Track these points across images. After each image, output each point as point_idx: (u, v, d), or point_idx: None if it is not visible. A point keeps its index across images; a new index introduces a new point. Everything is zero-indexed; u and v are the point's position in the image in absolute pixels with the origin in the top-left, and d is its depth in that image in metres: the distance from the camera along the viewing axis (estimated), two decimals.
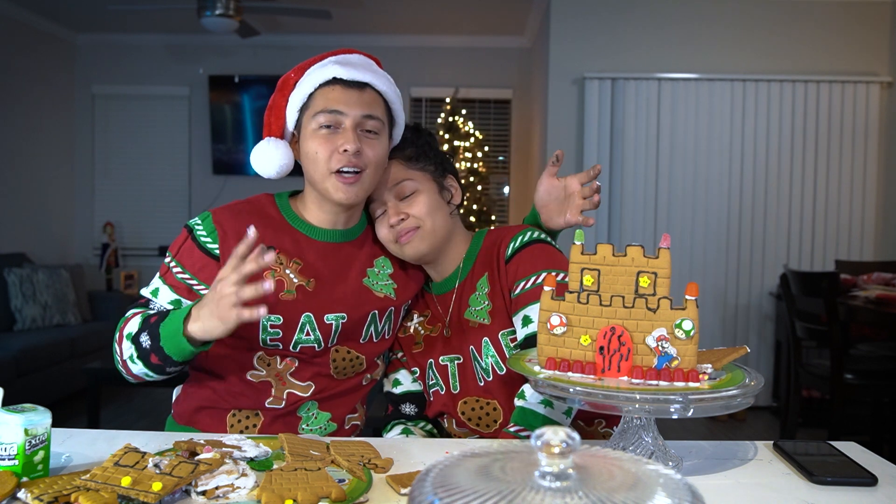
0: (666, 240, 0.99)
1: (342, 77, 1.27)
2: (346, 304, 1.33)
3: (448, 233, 1.38)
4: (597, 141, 4.47)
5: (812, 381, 3.26)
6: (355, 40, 5.69)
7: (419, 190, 1.36)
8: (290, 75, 1.32)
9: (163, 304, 1.27)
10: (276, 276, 1.29)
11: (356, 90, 1.27)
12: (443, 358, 1.40)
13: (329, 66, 1.28)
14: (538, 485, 0.54)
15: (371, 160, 1.27)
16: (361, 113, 1.27)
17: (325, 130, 1.26)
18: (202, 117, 5.86)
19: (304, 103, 1.29)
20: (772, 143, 4.46)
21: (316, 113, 1.27)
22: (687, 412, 0.91)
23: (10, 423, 0.88)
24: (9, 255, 4.72)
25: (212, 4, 4.19)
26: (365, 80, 1.28)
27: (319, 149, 1.26)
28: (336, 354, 1.34)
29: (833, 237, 4.47)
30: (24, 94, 5.25)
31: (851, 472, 0.98)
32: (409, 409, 1.45)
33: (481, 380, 1.35)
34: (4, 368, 3.81)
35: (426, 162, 1.39)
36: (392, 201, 1.35)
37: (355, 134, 1.25)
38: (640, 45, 4.50)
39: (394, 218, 1.33)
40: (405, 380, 1.47)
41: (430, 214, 1.34)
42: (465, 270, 1.40)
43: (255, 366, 1.31)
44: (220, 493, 0.87)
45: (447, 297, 1.41)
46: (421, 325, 1.45)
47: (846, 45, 4.47)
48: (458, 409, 1.38)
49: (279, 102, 1.32)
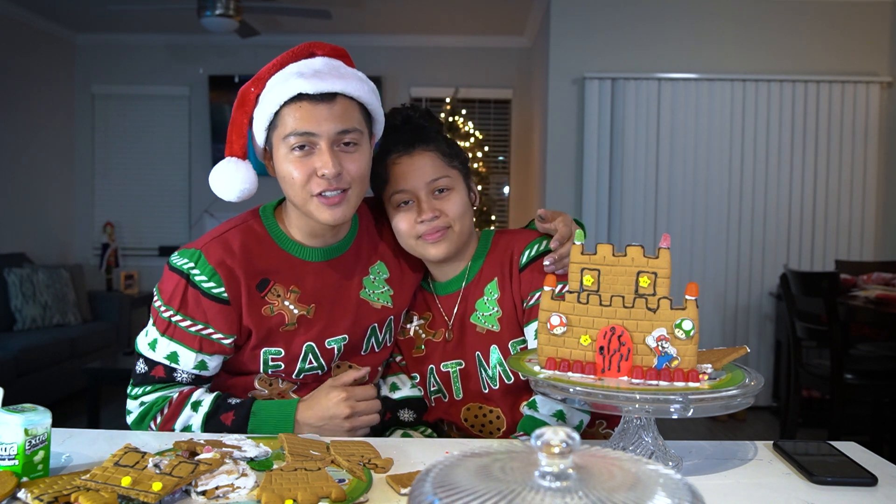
0: (666, 240, 0.99)
1: (307, 92, 1.14)
2: (347, 325, 1.29)
3: (469, 237, 1.34)
4: (597, 141, 4.47)
5: (812, 381, 3.26)
6: (355, 40, 5.69)
7: (454, 189, 1.29)
8: (250, 89, 1.21)
9: (186, 368, 1.20)
10: (275, 310, 1.23)
11: (325, 104, 1.15)
12: (444, 364, 1.36)
13: (292, 80, 1.16)
14: (538, 485, 0.54)
15: (355, 176, 1.18)
16: (335, 129, 1.15)
17: (299, 152, 1.16)
18: (202, 117, 5.85)
19: (270, 121, 1.19)
20: (772, 143, 4.46)
21: (285, 135, 1.16)
22: (687, 412, 0.91)
23: (10, 423, 0.88)
24: (9, 255, 4.72)
25: (212, 4, 4.19)
26: (333, 89, 1.15)
27: (295, 172, 1.16)
28: (337, 370, 1.31)
29: (833, 237, 4.47)
30: (24, 94, 5.25)
31: (851, 472, 0.98)
32: (408, 415, 1.41)
33: (486, 387, 1.33)
34: (4, 368, 3.81)
35: (458, 160, 1.33)
36: (426, 196, 1.27)
37: (332, 153, 1.15)
38: (640, 45, 4.50)
39: (428, 213, 1.26)
40: (404, 385, 1.42)
41: (461, 216, 1.29)
42: (473, 272, 1.35)
43: (257, 386, 1.29)
44: (220, 493, 0.87)
45: (451, 299, 1.37)
46: (422, 329, 1.40)
47: (846, 45, 4.47)
48: (461, 415, 1.36)
49: (239, 119, 1.21)
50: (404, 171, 1.28)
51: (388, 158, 1.31)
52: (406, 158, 1.29)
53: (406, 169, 1.28)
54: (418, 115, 1.35)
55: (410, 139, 1.30)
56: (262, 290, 1.22)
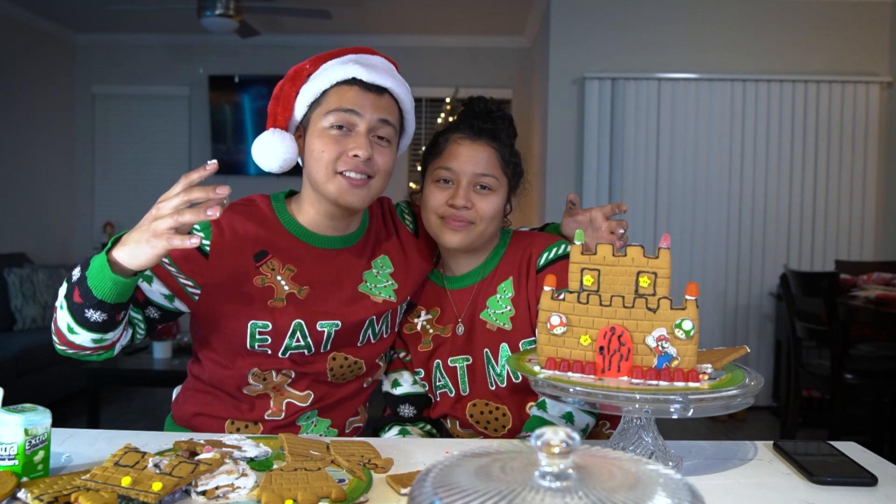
0: (666, 240, 0.99)
1: (362, 78, 1.20)
2: (341, 313, 1.28)
3: (489, 239, 1.35)
4: (597, 141, 4.47)
5: (812, 381, 3.26)
6: (355, 40, 5.69)
7: (495, 192, 1.30)
8: (305, 66, 1.25)
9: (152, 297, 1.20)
10: (265, 282, 1.23)
11: (374, 94, 1.21)
12: (452, 359, 1.36)
13: (349, 66, 1.21)
14: (538, 485, 0.54)
15: (381, 168, 1.22)
16: (378, 117, 1.21)
17: (337, 131, 1.20)
18: (202, 117, 5.85)
19: (315, 99, 1.22)
20: (772, 143, 4.46)
21: (329, 111, 1.20)
22: (687, 412, 0.91)
23: (10, 423, 0.88)
24: (9, 255, 4.72)
25: (212, 4, 4.19)
26: (385, 84, 1.22)
27: (326, 148, 1.19)
28: (333, 362, 1.30)
29: (833, 237, 4.47)
30: (24, 94, 5.25)
31: (851, 472, 0.98)
32: (408, 410, 1.42)
33: (493, 384, 1.33)
34: (4, 368, 3.81)
35: (513, 170, 1.34)
36: (467, 184, 1.28)
37: (368, 139, 1.19)
38: (640, 45, 4.50)
39: (461, 200, 1.26)
40: (406, 381, 1.43)
41: (490, 219, 1.29)
42: (488, 269, 1.36)
43: (251, 381, 1.27)
44: (220, 493, 0.87)
45: (464, 293, 1.36)
46: (429, 324, 1.39)
47: (846, 45, 4.47)
48: (466, 411, 1.35)
49: (289, 93, 1.24)
50: (460, 152, 1.30)
51: (451, 134, 1.33)
52: (468, 142, 1.30)
53: (462, 151, 1.30)
54: (499, 112, 1.36)
55: (481, 128, 1.31)
56: (259, 261, 1.23)
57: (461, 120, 1.34)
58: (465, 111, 1.35)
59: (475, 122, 1.32)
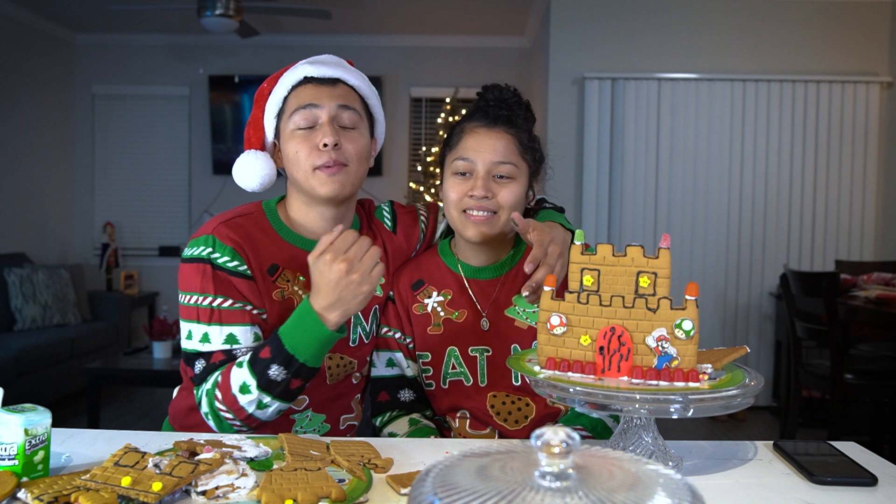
0: (666, 240, 0.99)
1: (313, 75, 1.26)
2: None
3: (512, 230, 1.32)
4: (597, 141, 4.47)
5: (812, 381, 3.26)
6: (355, 40, 5.70)
7: (515, 179, 1.28)
8: (265, 87, 1.31)
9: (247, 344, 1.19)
10: (286, 294, 1.24)
11: (328, 86, 1.26)
12: (473, 349, 1.34)
13: (299, 68, 1.28)
14: (538, 485, 0.54)
15: (352, 154, 1.24)
16: (336, 104, 1.24)
17: (304, 130, 1.24)
18: (202, 117, 5.85)
19: (279, 109, 1.28)
20: (772, 143, 4.46)
21: (291, 113, 1.25)
22: (687, 412, 0.91)
23: (10, 423, 0.88)
24: (9, 255, 4.73)
25: (212, 4, 4.19)
26: (336, 75, 1.27)
27: (299, 148, 1.23)
28: (330, 362, 1.31)
29: (833, 237, 4.47)
30: (24, 94, 5.25)
31: (851, 472, 0.98)
32: (408, 395, 1.38)
33: (517, 378, 1.31)
34: (4, 368, 3.81)
35: (532, 156, 1.32)
36: (485, 174, 1.27)
37: (332, 127, 1.22)
38: (640, 45, 4.50)
39: (480, 191, 1.25)
40: (401, 361, 1.39)
41: (511, 208, 1.27)
42: (511, 264, 1.35)
43: None
44: (220, 493, 0.87)
45: (486, 285, 1.35)
46: (441, 306, 1.36)
47: (846, 45, 4.47)
48: (487, 401, 1.33)
49: (256, 114, 1.31)
50: (477, 141, 1.29)
51: (466, 124, 1.32)
52: (484, 130, 1.29)
53: (479, 140, 1.29)
54: (514, 98, 1.34)
55: (497, 115, 1.30)
56: (273, 275, 1.25)
57: (476, 109, 1.33)
58: (480, 100, 1.34)
59: (490, 110, 1.31)
